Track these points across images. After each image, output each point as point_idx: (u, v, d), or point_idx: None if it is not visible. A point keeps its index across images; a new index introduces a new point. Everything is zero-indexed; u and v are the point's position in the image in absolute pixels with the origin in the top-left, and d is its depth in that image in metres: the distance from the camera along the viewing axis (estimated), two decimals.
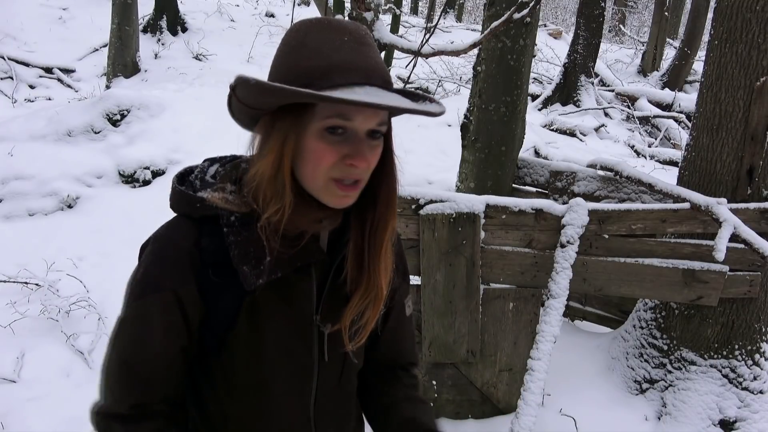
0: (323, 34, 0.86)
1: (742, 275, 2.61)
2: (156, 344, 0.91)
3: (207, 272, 0.91)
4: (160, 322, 0.91)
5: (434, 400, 2.85)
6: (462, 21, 19.27)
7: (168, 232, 0.93)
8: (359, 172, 0.88)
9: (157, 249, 0.92)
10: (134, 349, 0.92)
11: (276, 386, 0.97)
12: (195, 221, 0.92)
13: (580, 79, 9.29)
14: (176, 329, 0.92)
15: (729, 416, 2.71)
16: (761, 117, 2.54)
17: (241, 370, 0.95)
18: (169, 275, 0.90)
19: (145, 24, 10.04)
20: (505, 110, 3.20)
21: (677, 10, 13.21)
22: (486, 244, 2.58)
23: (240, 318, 0.92)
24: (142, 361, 0.92)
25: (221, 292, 0.92)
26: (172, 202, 0.95)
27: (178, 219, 0.94)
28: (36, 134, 5.51)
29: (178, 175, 0.97)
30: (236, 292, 0.91)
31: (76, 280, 3.78)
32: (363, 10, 2.25)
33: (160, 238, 0.93)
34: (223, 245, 0.90)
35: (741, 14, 2.49)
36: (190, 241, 0.91)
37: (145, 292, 0.90)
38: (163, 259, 0.91)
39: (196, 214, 0.92)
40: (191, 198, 0.92)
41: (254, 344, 0.94)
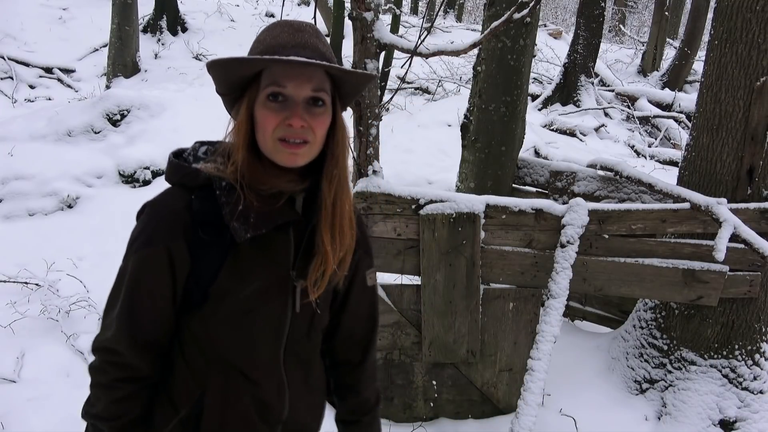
0: (271, 30, 1.06)
1: (742, 275, 2.61)
2: (149, 291, 1.05)
3: (197, 231, 1.04)
4: (154, 272, 1.04)
5: (434, 400, 2.85)
6: (462, 21, 19.26)
7: (162, 197, 1.08)
8: (300, 132, 1.02)
9: (152, 211, 1.07)
10: (133, 294, 1.05)
11: (254, 332, 1.10)
12: (187, 189, 1.07)
13: (580, 79, 9.29)
14: (166, 280, 1.05)
15: (729, 416, 2.71)
16: (761, 117, 2.54)
17: (224, 318, 1.08)
18: (163, 232, 1.04)
19: (145, 24, 10.05)
20: (505, 110, 3.20)
21: (677, 10, 13.21)
22: (486, 244, 2.58)
23: (224, 271, 1.06)
24: (139, 305, 1.05)
25: (209, 248, 1.05)
26: (169, 173, 1.10)
27: (172, 187, 1.09)
28: (36, 134, 5.51)
29: (173, 152, 1.12)
30: (222, 248, 1.05)
31: (76, 280, 3.78)
32: (363, 10, 2.25)
33: (155, 202, 1.08)
34: (212, 208, 1.04)
35: (741, 14, 2.49)
36: (182, 204, 1.05)
37: (141, 246, 1.04)
38: (158, 219, 1.06)
39: (190, 183, 1.07)
40: (187, 169, 1.07)
41: (236, 294, 1.07)
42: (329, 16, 10.56)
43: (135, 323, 1.06)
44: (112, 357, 1.06)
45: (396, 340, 2.74)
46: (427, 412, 2.86)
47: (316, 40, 1.05)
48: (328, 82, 1.05)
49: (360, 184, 2.49)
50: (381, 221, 2.53)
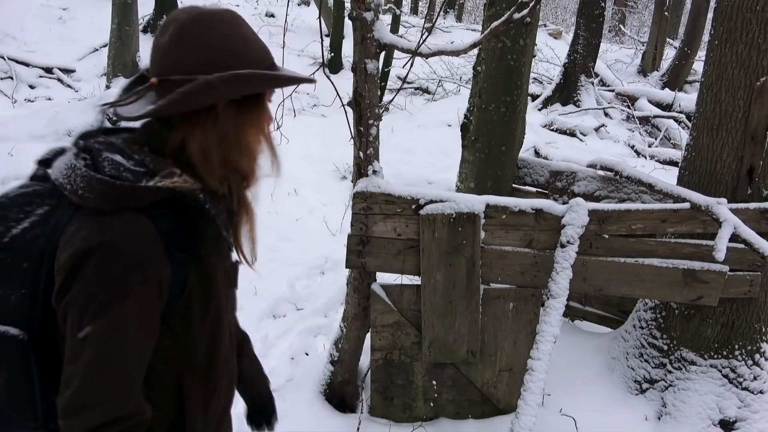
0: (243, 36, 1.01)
1: (742, 275, 2.61)
2: (148, 337, 0.95)
3: (171, 251, 0.95)
4: (150, 312, 0.94)
5: (434, 400, 2.85)
6: (462, 21, 19.26)
7: (128, 228, 0.92)
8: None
9: (124, 242, 0.91)
10: (129, 347, 0.92)
11: (223, 317, 1.09)
12: (141, 211, 0.94)
13: (580, 79, 9.29)
14: (156, 316, 0.96)
15: (729, 416, 2.71)
16: (761, 117, 2.54)
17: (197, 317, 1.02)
18: (147, 262, 0.92)
19: (145, 24, 10.04)
20: (505, 110, 3.20)
21: (677, 10, 13.21)
22: (486, 244, 2.58)
23: (190, 278, 0.99)
24: (140, 355, 0.94)
25: (182, 263, 0.98)
26: (114, 198, 0.92)
27: (127, 214, 0.93)
28: (36, 134, 5.50)
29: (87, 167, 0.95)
30: (189, 260, 0.99)
31: None
32: (363, 10, 2.25)
33: (121, 233, 0.91)
34: (174, 225, 0.96)
35: (741, 14, 2.49)
36: (150, 227, 0.94)
37: (129, 285, 0.90)
38: (136, 249, 0.91)
39: (144, 203, 0.94)
40: (142, 190, 0.93)
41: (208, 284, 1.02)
42: (329, 16, 10.55)
43: (138, 372, 0.95)
44: (130, 421, 0.92)
45: (396, 340, 2.74)
46: (427, 412, 2.86)
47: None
48: None
49: (360, 184, 2.49)
50: (381, 221, 2.53)
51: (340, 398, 2.95)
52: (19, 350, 0.94)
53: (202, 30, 0.97)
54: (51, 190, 0.99)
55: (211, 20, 0.98)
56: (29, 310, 0.95)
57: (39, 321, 0.96)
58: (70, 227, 0.94)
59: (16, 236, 0.95)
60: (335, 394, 2.95)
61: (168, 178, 0.94)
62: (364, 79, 2.34)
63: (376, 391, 2.84)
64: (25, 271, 0.95)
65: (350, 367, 2.93)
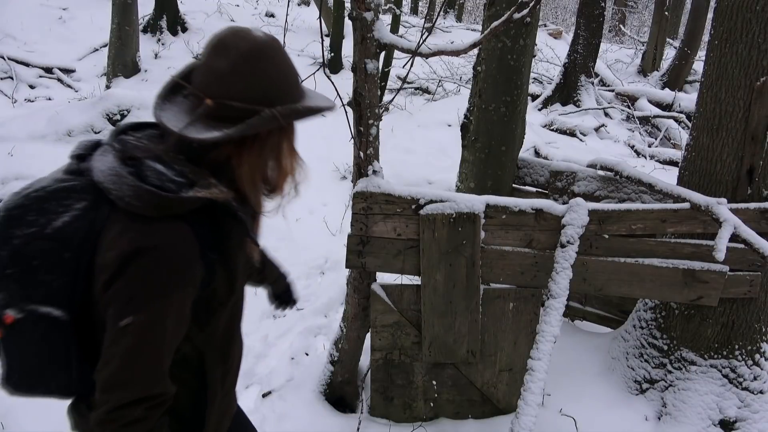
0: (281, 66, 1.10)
1: (742, 275, 2.61)
2: (180, 331, 1.09)
3: (206, 253, 1.09)
4: (183, 311, 1.08)
5: (434, 400, 2.85)
6: (462, 21, 19.26)
7: (171, 234, 1.04)
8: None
9: (166, 248, 1.03)
10: (162, 339, 1.05)
11: (240, 303, 1.27)
12: (180, 217, 1.05)
13: (580, 79, 9.29)
14: (186, 315, 1.09)
15: (729, 416, 2.71)
16: (761, 117, 2.54)
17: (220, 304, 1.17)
18: (189, 268, 1.06)
19: (145, 24, 10.04)
20: (505, 110, 3.19)
21: (677, 10, 13.20)
22: (486, 244, 2.58)
23: (218, 276, 1.13)
24: (171, 346, 1.08)
25: (210, 264, 1.11)
26: (158, 207, 1.02)
27: (169, 220, 1.04)
28: (36, 134, 5.51)
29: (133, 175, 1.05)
30: (218, 259, 1.13)
31: None
32: (363, 10, 2.25)
33: (163, 239, 1.03)
34: (208, 229, 1.10)
35: (741, 14, 2.49)
36: (189, 233, 1.05)
37: (169, 287, 1.03)
38: (179, 256, 1.04)
39: (184, 210, 1.05)
40: (183, 200, 1.04)
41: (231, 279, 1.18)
42: (329, 16, 10.55)
43: (168, 357, 1.08)
44: (156, 401, 1.06)
45: (396, 340, 2.74)
46: (427, 412, 2.86)
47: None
48: None
49: (360, 184, 2.49)
50: (381, 221, 2.53)
51: (340, 398, 2.95)
52: (60, 328, 1.08)
53: (263, 63, 1.07)
54: (87, 186, 1.09)
55: (268, 51, 1.08)
56: (70, 294, 1.07)
57: (78, 304, 1.08)
58: (111, 226, 1.05)
59: (59, 228, 1.05)
60: (335, 394, 2.95)
61: (206, 188, 1.06)
62: (364, 79, 2.34)
63: (376, 391, 2.84)
64: (66, 261, 1.06)
65: (350, 367, 2.93)
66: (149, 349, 1.03)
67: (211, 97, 1.06)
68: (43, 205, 1.07)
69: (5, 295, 1.06)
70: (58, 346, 1.09)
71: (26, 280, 1.05)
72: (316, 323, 3.82)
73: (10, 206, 1.07)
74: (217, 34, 1.10)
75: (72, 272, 1.06)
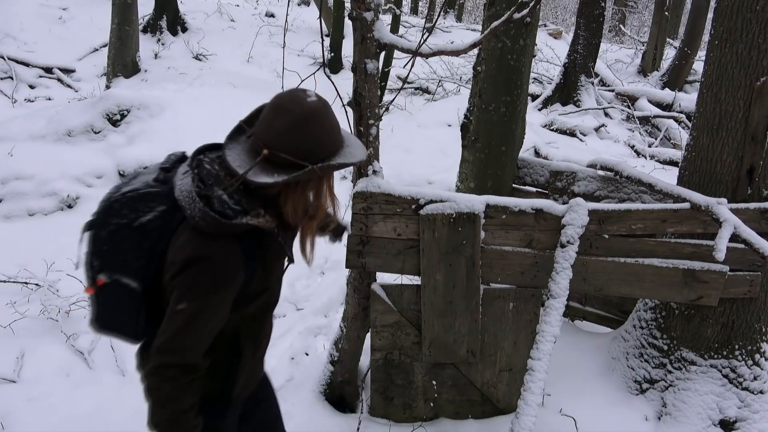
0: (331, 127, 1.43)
1: (742, 275, 2.61)
2: (222, 314, 1.42)
3: (247, 261, 1.43)
4: (225, 305, 1.41)
5: (434, 400, 2.85)
6: (462, 21, 19.26)
7: (223, 249, 1.38)
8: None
9: (219, 261, 1.37)
10: (206, 324, 1.39)
11: (272, 297, 1.61)
12: (232, 236, 1.39)
13: (580, 79, 9.29)
14: (228, 306, 1.43)
15: (729, 416, 2.71)
16: (761, 117, 2.54)
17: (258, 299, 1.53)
18: (232, 275, 1.40)
19: (145, 24, 10.03)
20: (505, 110, 3.19)
21: (677, 10, 13.20)
22: (486, 244, 2.58)
23: (257, 276, 1.48)
24: (212, 330, 1.41)
25: (252, 269, 1.45)
26: (216, 229, 1.36)
27: (223, 238, 1.38)
28: (36, 134, 5.51)
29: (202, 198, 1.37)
30: (258, 266, 1.48)
31: (76, 280, 3.78)
32: (363, 10, 2.25)
33: (217, 252, 1.37)
34: (252, 246, 1.44)
35: (741, 14, 2.49)
36: (238, 250, 1.40)
37: (216, 288, 1.37)
38: (226, 266, 1.38)
39: (235, 231, 1.39)
40: (232, 225, 1.37)
41: (266, 279, 1.53)
42: (329, 16, 10.55)
43: (209, 339, 1.42)
44: (191, 369, 1.39)
45: (396, 340, 2.74)
46: (427, 412, 2.86)
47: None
48: None
49: (360, 184, 2.49)
50: (381, 221, 2.53)
51: (340, 398, 2.95)
52: (134, 295, 1.46)
53: (311, 127, 1.38)
54: (168, 194, 1.45)
55: (317, 117, 1.39)
56: (144, 272, 1.46)
57: (150, 280, 1.47)
58: (182, 231, 1.41)
59: (144, 223, 1.43)
60: (335, 394, 2.95)
61: (256, 217, 1.40)
62: (364, 79, 2.34)
63: (376, 391, 2.84)
64: (145, 248, 1.44)
65: (350, 367, 2.93)
66: (193, 330, 1.37)
67: (268, 149, 1.37)
68: (134, 204, 1.44)
69: (100, 263, 1.45)
70: (130, 307, 1.46)
71: (115, 257, 1.44)
72: (316, 323, 3.82)
73: (112, 200, 1.46)
74: (279, 95, 1.42)
75: (148, 257, 1.44)
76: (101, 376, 3.16)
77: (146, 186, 1.47)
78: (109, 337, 1.55)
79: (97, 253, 1.45)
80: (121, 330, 1.51)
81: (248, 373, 1.63)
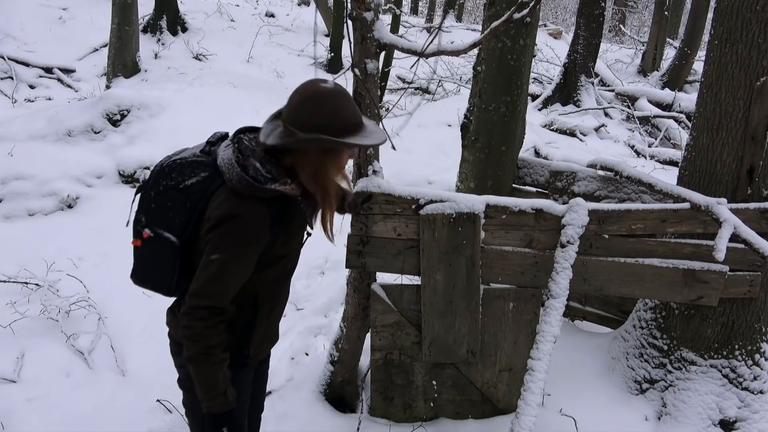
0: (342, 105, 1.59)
1: (742, 275, 2.61)
2: (248, 268, 1.62)
3: (273, 224, 1.62)
4: (251, 260, 1.61)
5: (434, 400, 2.85)
6: (462, 21, 19.26)
7: (253, 209, 1.58)
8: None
9: (250, 219, 1.57)
10: (234, 274, 1.59)
11: (291, 262, 1.80)
12: (263, 200, 1.59)
13: (580, 79, 9.29)
14: (254, 263, 1.63)
15: (729, 416, 2.71)
16: (761, 117, 2.54)
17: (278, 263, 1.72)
18: (260, 233, 1.59)
19: (145, 24, 10.03)
20: (505, 110, 3.19)
21: (677, 10, 13.21)
22: (486, 244, 2.58)
23: (279, 241, 1.67)
24: (238, 280, 1.61)
25: (276, 233, 1.65)
26: (245, 188, 1.57)
27: (254, 200, 1.58)
28: (36, 134, 5.50)
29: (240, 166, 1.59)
30: (282, 230, 1.66)
31: (76, 280, 3.78)
32: (363, 10, 2.25)
33: (248, 212, 1.57)
34: (279, 211, 1.63)
35: (741, 14, 2.49)
36: (266, 212, 1.59)
37: (245, 243, 1.57)
38: (255, 225, 1.58)
39: (265, 196, 1.58)
40: (263, 189, 1.57)
41: (287, 246, 1.72)
42: (329, 16, 10.56)
43: (235, 289, 1.61)
44: (219, 311, 1.58)
45: (396, 340, 2.75)
46: (427, 412, 2.86)
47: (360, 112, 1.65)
48: None
49: (360, 184, 2.49)
50: (381, 221, 2.53)
51: (340, 398, 2.95)
52: (173, 249, 1.67)
53: (314, 104, 1.55)
54: (211, 163, 1.68)
55: (323, 98, 1.56)
56: (183, 229, 1.67)
57: (186, 237, 1.68)
58: (220, 193, 1.62)
59: (188, 186, 1.66)
60: (335, 394, 2.95)
61: (283, 185, 1.60)
62: (364, 79, 2.34)
63: (376, 391, 2.84)
64: (187, 208, 1.66)
65: (350, 367, 2.93)
66: (222, 277, 1.56)
67: (285, 122, 1.58)
68: (182, 169, 1.67)
69: (147, 219, 1.68)
70: (168, 260, 1.68)
71: (160, 214, 1.66)
72: (316, 323, 3.82)
73: (164, 164, 1.69)
74: (304, 82, 1.61)
75: (189, 215, 1.66)
76: (101, 376, 3.16)
77: (193, 156, 1.70)
78: (144, 288, 1.76)
79: (145, 211, 1.68)
80: (157, 283, 1.72)
81: (262, 332, 1.82)
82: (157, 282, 1.73)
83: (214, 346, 1.59)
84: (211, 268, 1.56)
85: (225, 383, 1.63)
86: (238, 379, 1.79)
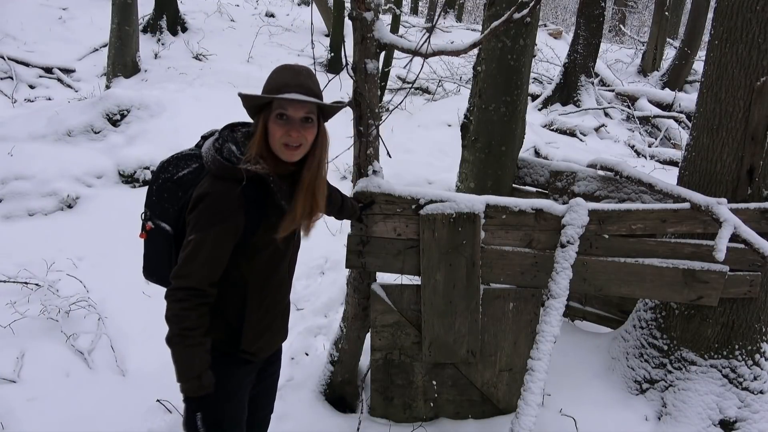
0: (279, 72, 1.68)
1: (742, 275, 2.61)
2: (223, 250, 1.63)
3: (249, 207, 1.64)
4: (225, 240, 1.62)
5: (434, 400, 2.85)
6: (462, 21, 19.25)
7: (223, 189, 1.61)
8: (296, 139, 1.66)
9: (220, 197, 1.61)
10: (209, 253, 1.61)
11: (278, 249, 1.76)
12: (238, 180, 1.62)
13: (580, 79, 9.29)
14: (231, 241, 1.64)
15: (729, 416, 2.71)
16: (761, 117, 2.54)
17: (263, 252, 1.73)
18: (231, 213, 1.62)
19: (145, 24, 10.03)
20: (505, 110, 3.19)
21: (677, 10, 13.20)
22: (486, 244, 2.58)
23: (261, 227, 1.68)
24: (213, 260, 1.62)
25: (254, 217, 1.66)
26: (219, 170, 1.63)
27: (223, 180, 1.62)
28: (36, 134, 5.51)
29: (215, 149, 1.66)
30: (260, 214, 1.68)
31: (76, 280, 3.78)
32: (363, 10, 2.25)
33: (219, 190, 1.61)
34: (256, 192, 1.66)
35: (741, 14, 2.49)
36: (238, 192, 1.62)
37: (216, 222, 1.60)
38: (225, 203, 1.61)
39: (239, 176, 1.61)
40: (235, 170, 1.62)
41: (270, 234, 1.71)
42: (329, 16, 10.55)
43: (212, 270, 1.63)
44: (196, 293, 1.60)
45: (396, 340, 2.74)
46: (427, 412, 2.86)
47: (308, 81, 1.67)
48: (315, 108, 1.69)
49: (360, 184, 2.49)
50: (381, 221, 2.53)
51: (340, 398, 2.95)
52: (168, 238, 1.74)
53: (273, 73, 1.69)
54: (200, 155, 1.76)
55: (282, 66, 1.69)
56: (177, 217, 1.74)
57: (180, 225, 1.73)
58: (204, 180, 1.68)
59: (180, 177, 1.75)
60: (335, 394, 2.95)
61: (254, 164, 1.63)
62: (364, 79, 2.34)
63: (376, 391, 2.84)
64: (179, 197, 1.73)
65: (350, 367, 2.93)
66: (197, 256, 1.59)
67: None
68: (177, 162, 1.77)
69: (149, 211, 1.77)
70: (166, 249, 1.75)
71: (159, 205, 1.75)
72: (316, 323, 3.82)
73: (164, 161, 1.79)
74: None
75: (181, 205, 1.72)
76: (101, 376, 3.16)
77: (189, 150, 1.82)
78: (154, 283, 1.84)
79: (148, 204, 1.78)
80: (160, 274, 1.78)
81: (255, 325, 1.80)
82: (162, 275, 1.77)
83: (191, 328, 1.60)
84: (187, 248, 1.60)
85: (201, 367, 1.63)
86: (233, 375, 1.79)
